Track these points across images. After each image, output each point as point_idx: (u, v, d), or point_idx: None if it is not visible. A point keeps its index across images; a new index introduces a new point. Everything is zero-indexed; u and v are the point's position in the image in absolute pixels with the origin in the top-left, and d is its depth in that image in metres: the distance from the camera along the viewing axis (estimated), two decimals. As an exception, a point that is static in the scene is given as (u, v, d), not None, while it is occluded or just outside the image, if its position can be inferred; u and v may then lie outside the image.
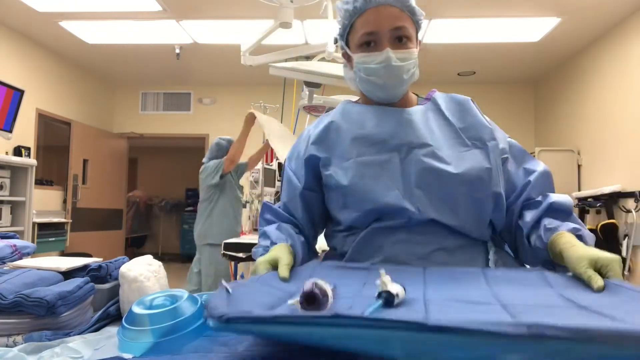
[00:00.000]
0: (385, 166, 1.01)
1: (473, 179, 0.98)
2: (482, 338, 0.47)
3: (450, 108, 1.10)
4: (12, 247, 1.07)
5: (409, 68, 1.04)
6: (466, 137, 1.04)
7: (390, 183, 1.00)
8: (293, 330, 0.52)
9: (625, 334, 0.46)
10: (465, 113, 1.09)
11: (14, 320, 0.71)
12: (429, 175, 0.99)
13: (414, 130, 1.03)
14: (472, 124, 1.06)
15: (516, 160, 1.09)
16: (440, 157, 1.00)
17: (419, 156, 1.00)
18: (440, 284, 0.84)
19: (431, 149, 1.01)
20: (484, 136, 1.04)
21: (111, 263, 0.91)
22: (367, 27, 1.03)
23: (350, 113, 1.10)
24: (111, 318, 0.83)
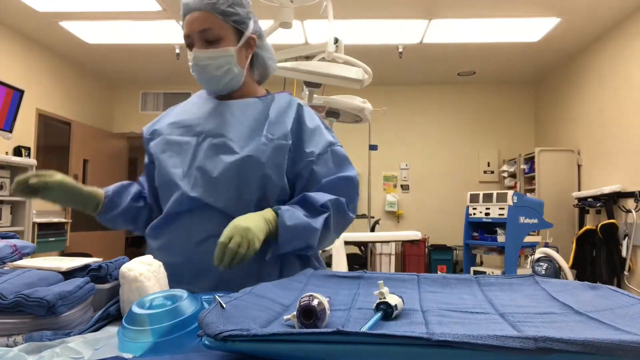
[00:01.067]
0: (182, 147, 1.17)
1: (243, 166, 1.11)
2: (487, 353, 0.47)
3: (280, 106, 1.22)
4: (12, 247, 1.07)
5: (220, 65, 1.15)
6: (267, 130, 1.16)
7: (178, 162, 1.15)
8: (293, 347, 0.51)
9: (633, 346, 0.46)
10: (284, 113, 1.20)
11: (14, 320, 0.71)
12: (209, 160, 1.12)
13: (217, 121, 1.18)
14: (278, 122, 1.18)
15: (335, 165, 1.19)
16: (228, 147, 1.13)
17: (209, 143, 1.15)
18: (435, 293, 0.84)
19: (223, 139, 1.14)
20: (277, 133, 1.16)
21: (111, 263, 0.91)
22: (185, 30, 1.16)
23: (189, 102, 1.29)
24: (111, 318, 0.83)
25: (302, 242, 1.09)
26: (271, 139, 1.14)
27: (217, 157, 1.12)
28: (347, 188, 1.18)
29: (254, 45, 1.22)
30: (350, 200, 1.19)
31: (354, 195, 1.21)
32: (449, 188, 6.85)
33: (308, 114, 1.24)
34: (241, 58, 1.18)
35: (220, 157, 1.12)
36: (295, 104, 1.24)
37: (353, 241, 4.07)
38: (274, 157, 1.13)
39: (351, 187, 1.20)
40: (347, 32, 4.89)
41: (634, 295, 0.71)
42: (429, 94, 7.05)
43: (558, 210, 5.41)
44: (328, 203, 1.10)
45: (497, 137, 6.96)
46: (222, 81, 1.17)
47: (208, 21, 1.13)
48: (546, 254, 4.56)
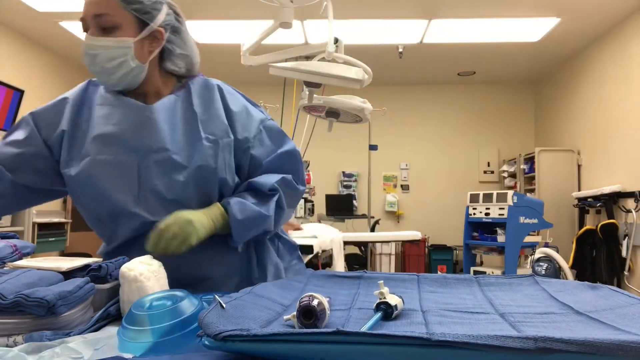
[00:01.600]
0: (123, 168, 1.04)
1: (199, 179, 1.05)
2: (487, 353, 0.47)
3: (201, 95, 1.13)
4: (12, 247, 1.07)
5: (113, 57, 1.02)
6: (204, 130, 1.07)
7: (124, 186, 1.04)
8: (293, 347, 0.51)
9: (633, 346, 0.46)
10: (210, 103, 1.12)
11: (14, 320, 0.71)
12: (160, 181, 1.03)
13: (153, 133, 1.05)
14: (212, 117, 1.10)
15: (273, 142, 1.15)
16: (174, 162, 1.04)
17: (154, 161, 1.04)
18: (435, 293, 0.84)
19: (168, 154, 1.04)
20: (217, 132, 1.08)
21: (111, 263, 0.91)
22: (82, 13, 1.05)
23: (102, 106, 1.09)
24: (111, 318, 0.83)
25: (258, 231, 1.08)
26: (214, 140, 1.07)
27: (167, 177, 1.04)
28: (289, 163, 1.15)
29: (161, 38, 1.08)
30: (296, 175, 1.15)
31: (298, 167, 1.17)
32: (449, 188, 6.85)
33: (230, 96, 1.16)
34: (142, 51, 1.05)
35: (170, 176, 1.04)
36: (216, 89, 1.15)
37: (353, 241, 4.07)
38: (223, 159, 1.07)
39: (293, 161, 1.16)
40: (347, 32, 4.89)
41: (634, 295, 0.71)
42: (429, 94, 7.05)
43: (558, 210, 5.41)
44: (275, 185, 1.08)
45: (497, 137, 6.96)
46: (115, 74, 1.04)
47: (105, 6, 1.01)
48: (546, 254, 4.56)
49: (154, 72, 1.11)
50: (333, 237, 3.31)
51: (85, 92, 1.14)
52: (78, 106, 1.11)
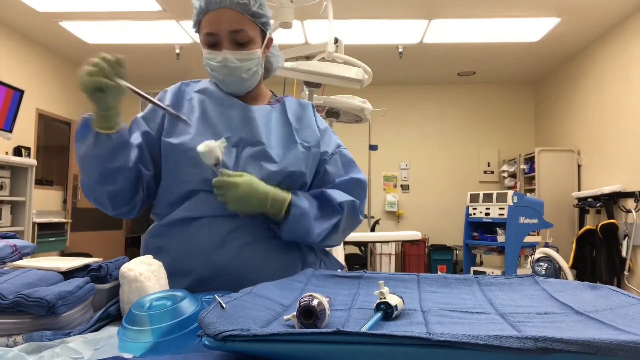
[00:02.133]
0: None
1: (286, 174, 1.12)
2: (487, 353, 0.47)
3: (294, 111, 1.23)
4: (12, 247, 1.07)
5: (249, 67, 1.13)
6: (298, 136, 1.17)
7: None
8: (293, 347, 0.51)
9: (633, 346, 0.46)
10: (303, 117, 1.23)
11: (14, 320, 0.71)
12: (254, 168, 1.10)
13: (251, 128, 1.14)
14: (305, 127, 1.21)
15: (344, 167, 1.24)
16: (268, 155, 1.12)
17: (249, 154, 1.12)
18: (434, 293, 0.84)
19: (262, 147, 1.13)
20: (311, 140, 1.19)
21: (111, 263, 0.91)
22: (208, 27, 1.11)
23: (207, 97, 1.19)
24: (111, 318, 0.83)
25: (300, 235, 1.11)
26: (308, 147, 1.17)
27: (260, 166, 1.11)
28: (358, 190, 1.21)
29: (270, 45, 1.23)
30: (361, 202, 1.22)
31: (364, 197, 1.24)
32: (449, 188, 6.85)
33: (318, 115, 1.29)
34: (263, 60, 1.19)
35: (263, 165, 1.11)
36: (310, 107, 1.27)
37: (353, 241, 4.07)
38: (312, 165, 1.17)
39: (361, 190, 1.23)
40: (347, 32, 4.89)
41: (634, 295, 0.71)
42: (429, 94, 7.05)
43: (558, 210, 5.41)
44: (344, 204, 1.13)
45: (497, 137, 6.96)
46: (247, 83, 1.16)
47: (240, 22, 1.10)
48: (546, 254, 4.56)
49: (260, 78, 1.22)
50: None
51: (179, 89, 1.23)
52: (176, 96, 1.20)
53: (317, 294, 0.64)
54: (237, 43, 1.11)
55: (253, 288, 0.77)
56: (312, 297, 0.63)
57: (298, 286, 0.87)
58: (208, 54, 1.13)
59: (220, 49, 1.11)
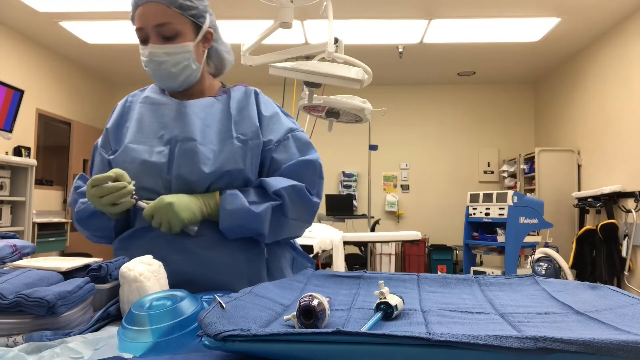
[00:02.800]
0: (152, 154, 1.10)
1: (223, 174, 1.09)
2: (488, 353, 0.47)
3: (239, 101, 1.19)
4: (12, 247, 1.07)
5: (178, 61, 1.10)
6: (236, 129, 1.13)
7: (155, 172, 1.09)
8: (293, 347, 0.51)
9: (633, 346, 0.46)
10: (245, 106, 1.18)
11: (14, 320, 0.71)
12: (188, 168, 1.08)
13: (184, 124, 1.12)
14: (244, 118, 1.15)
15: (299, 151, 1.18)
16: (201, 153, 1.08)
17: (183, 150, 1.09)
18: (435, 293, 0.84)
19: (194, 144, 1.09)
20: (248, 132, 1.13)
21: (111, 263, 0.91)
22: (138, 22, 1.10)
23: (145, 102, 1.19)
24: (111, 318, 0.83)
25: (248, 228, 1.08)
26: (244, 140, 1.12)
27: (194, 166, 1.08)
28: (307, 172, 1.16)
29: (211, 39, 1.18)
30: (311, 185, 1.16)
31: (315, 179, 1.17)
32: (449, 188, 6.85)
33: (264, 101, 1.21)
34: (198, 53, 1.14)
35: (197, 165, 1.08)
36: (252, 94, 1.21)
37: (353, 241, 4.07)
38: (251, 159, 1.11)
39: (312, 171, 1.17)
40: (347, 32, 4.89)
41: (634, 295, 0.71)
42: (429, 94, 7.05)
43: (558, 210, 5.41)
44: (282, 190, 1.08)
45: (497, 137, 6.96)
46: (179, 78, 1.13)
47: (166, 15, 1.07)
48: (546, 254, 4.56)
49: (203, 72, 1.20)
50: (333, 237, 3.31)
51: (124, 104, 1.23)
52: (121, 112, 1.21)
53: (317, 294, 0.64)
54: (164, 37, 1.09)
55: (253, 288, 0.77)
56: (312, 297, 0.63)
57: (298, 286, 0.87)
58: (141, 49, 1.12)
59: (146, 44, 1.10)
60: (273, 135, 1.16)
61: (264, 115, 1.18)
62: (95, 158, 1.22)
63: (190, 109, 1.14)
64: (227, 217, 1.05)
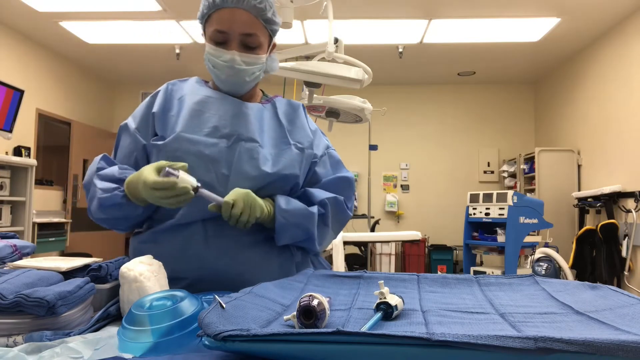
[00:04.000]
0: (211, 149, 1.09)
1: (281, 177, 1.11)
2: (488, 353, 0.47)
3: (285, 111, 1.23)
4: (12, 247, 1.07)
5: (253, 72, 1.13)
6: (291, 137, 1.17)
7: (209, 165, 1.07)
8: (293, 347, 0.51)
9: (633, 346, 0.46)
10: (295, 117, 1.23)
11: (14, 320, 0.71)
12: (251, 166, 1.08)
13: (246, 124, 1.13)
14: (298, 128, 1.20)
15: (332, 168, 1.24)
16: (263, 155, 1.11)
17: (244, 148, 1.10)
18: (435, 293, 0.84)
19: (256, 145, 1.11)
20: (304, 142, 1.18)
21: (111, 263, 0.91)
22: (219, 24, 1.09)
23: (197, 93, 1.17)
24: (111, 318, 0.83)
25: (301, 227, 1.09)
26: (301, 149, 1.17)
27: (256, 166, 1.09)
28: (345, 188, 1.22)
29: (273, 51, 1.22)
30: (348, 199, 1.22)
31: (351, 194, 1.25)
32: (449, 188, 6.85)
33: (309, 117, 1.28)
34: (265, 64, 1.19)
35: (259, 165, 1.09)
36: (301, 108, 1.26)
37: (353, 241, 4.07)
38: (305, 167, 1.17)
39: (349, 187, 1.24)
40: (347, 32, 4.89)
41: (634, 295, 0.71)
42: (429, 94, 7.05)
43: (558, 210, 5.41)
44: (326, 200, 1.14)
45: (497, 137, 6.96)
46: (247, 86, 1.16)
47: (254, 26, 1.09)
48: (546, 254, 4.56)
49: None
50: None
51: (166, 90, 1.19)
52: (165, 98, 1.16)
53: (317, 294, 0.64)
54: (246, 46, 1.10)
55: (253, 288, 0.77)
56: (312, 297, 0.63)
57: (298, 286, 0.87)
58: (214, 51, 1.11)
59: (228, 48, 1.10)
60: (317, 149, 1.22)
61: (311, 130, 1.24)
62: (122, 139, 1.17)
63: (248, 109, 1.16)
64: (283, 216, 1.06)
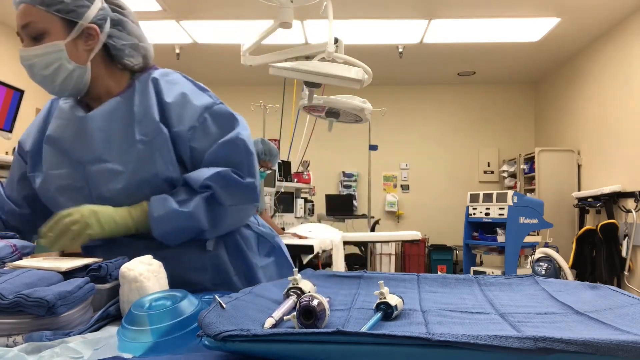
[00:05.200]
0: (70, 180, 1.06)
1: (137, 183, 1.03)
2: (488, 353, 0.47)
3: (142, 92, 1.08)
4: (12, 247, 1.07)
5: (48, 63, 1.01)
6: (139, 131, 1.04)
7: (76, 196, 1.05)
8: (293, 347, 0.51)
9: (633, 346, 0.46)
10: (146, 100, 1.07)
11: (14, 320, 0.71)
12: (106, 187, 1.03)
13: (88, 144, 1.05)
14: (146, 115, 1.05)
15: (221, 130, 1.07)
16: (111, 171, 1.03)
17: (94, 171, 1.04)
18: (435, 293, 0.84)
19: (103, 164, 1.04)
20: (149, 131, 1.04)
21: (111, 263, 0.91)
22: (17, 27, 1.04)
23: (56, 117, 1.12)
24: (111, 318, 0.83)
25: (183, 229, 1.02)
26: (147, 141, 1.03)
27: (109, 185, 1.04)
28: (232, 153, 1.05)
29: (96, 35, 1.04)
30: (239, 166, 1.05)
31: (243, 157, 1.06)
32: (449, 188, 6.85)
33: (167, 86, 1.08)
34: (77, 52, 1.03)
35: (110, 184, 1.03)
36: (150, 83, 1.09)
37: (353, 241, 4.07)
38: (161, 157, 1.03)
39: (237, 150, 1.06)
40: (347, 32, 4.89)
41: (634, 295, 0.71)
42: (429, 94, 7.05)
43: (558, 210, 5.41)
44: (207, 181, 1.00)
45: (497, 137, 6.96)
46: (55, 80, 1.03)
47: (29, 15, 1.01)
48: (546, 254, 4.56)
49: (100, 72, 1.08)
50: (333, 237, 3.31)
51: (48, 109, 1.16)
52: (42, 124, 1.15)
53: (317, 294, 0.64)
54: (32, 38, 1.01)
55: (253, 288, 0.77)
56: (312, 297, 0.63)
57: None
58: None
59: None
60: (182, 123, 1.04)
61: (168, 103, 1.05)
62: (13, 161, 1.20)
63: (91, 123, 1.06)
64: (157, 225, 0.99)
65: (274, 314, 0.63)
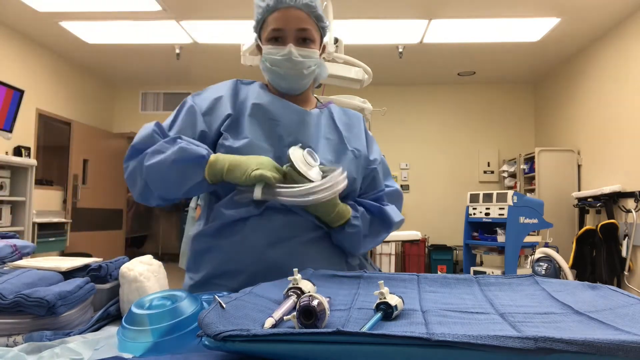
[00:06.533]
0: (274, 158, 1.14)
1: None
2: (488, 353, 0.47)
3: (342, 119, 1.29)
4: (12, 247, 1.07)
5: (309, 65, 1.19)
6: (349, 144, 1.24)
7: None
8: (293, 347, 0.51)
9: (633, 346, 0.46)
10: (352, 126, 1.30)
11: (14, 320, 0.71)
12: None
13: (308, 133, 1.20)
14: (355, 136, 1.28)
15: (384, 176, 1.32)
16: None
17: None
18: (435, 293, 0.84)
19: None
20: (361, 149, 1.25)
21: (111, 263, 0.91)
22: (275, 24, 1.17)
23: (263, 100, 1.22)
24: (111, 318, 0.83)
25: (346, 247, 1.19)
26: (358, 155, 1.23)
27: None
28: (398, 201, 1.31)
29: (325, 52, 1.29)
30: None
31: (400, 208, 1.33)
32: (449, 188, 6.85)
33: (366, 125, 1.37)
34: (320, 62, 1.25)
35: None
36: (360, 117, 1.34)
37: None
38: (362, 172, 1.24)
39: (400, 200, 1.34)
40: (347, 32, 4.89)
41: (634, 295, 0.71)
42: (429, 94, 7.05)
43: (558, 210, 5.41)
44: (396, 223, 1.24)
45: (497, 137, 6.96)
46: (303, 80, 1.21)
47: (307, 22, 1.18)
48: (546, 254, 4.56)
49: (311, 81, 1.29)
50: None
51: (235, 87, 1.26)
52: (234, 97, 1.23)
53: (317, 294, 0.64)
54: (301, 41, 1.18)
55: (253, 288, 0.77)
56: (312, 297, 0.63)
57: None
58: (272, 49, 1.18)
59: (283, 44, 1.17)
60: (376, 155, 1.30)
61: (370, 137, 1.33)
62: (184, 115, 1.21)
63: (311, 119, 1.22)
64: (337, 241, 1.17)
65: (274, 314, 0.63)
